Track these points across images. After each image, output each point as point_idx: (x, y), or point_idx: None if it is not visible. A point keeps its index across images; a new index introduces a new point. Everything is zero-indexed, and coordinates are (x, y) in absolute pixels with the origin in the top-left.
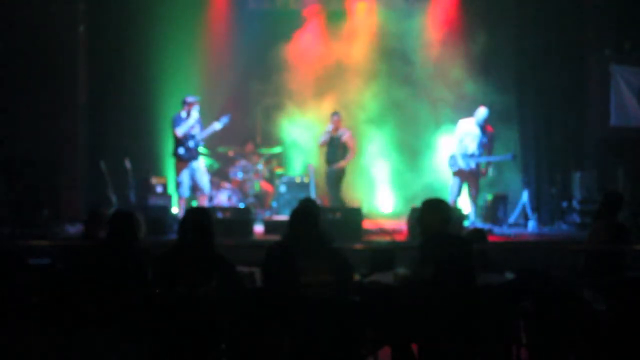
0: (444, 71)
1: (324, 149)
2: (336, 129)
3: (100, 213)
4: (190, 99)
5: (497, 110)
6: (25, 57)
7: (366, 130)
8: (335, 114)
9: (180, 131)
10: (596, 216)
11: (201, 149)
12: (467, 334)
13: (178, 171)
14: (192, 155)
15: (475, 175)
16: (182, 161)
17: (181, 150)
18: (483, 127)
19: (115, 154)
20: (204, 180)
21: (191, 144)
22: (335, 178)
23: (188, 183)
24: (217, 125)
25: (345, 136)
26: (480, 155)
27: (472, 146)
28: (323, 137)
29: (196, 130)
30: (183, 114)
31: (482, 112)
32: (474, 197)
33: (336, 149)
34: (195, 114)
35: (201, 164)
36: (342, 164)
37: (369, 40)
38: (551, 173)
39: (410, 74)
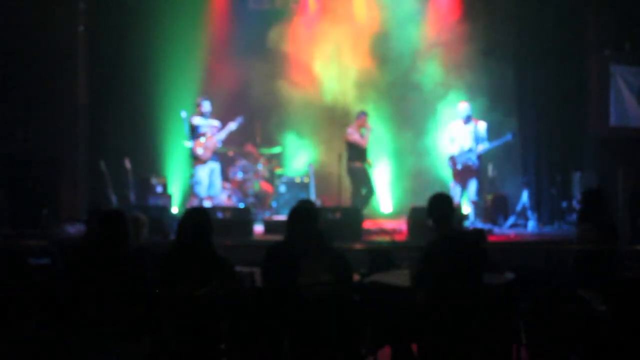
0: (443, 70)
1: (355, 146)
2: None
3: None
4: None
5: (497, 109)
6: (25, 57)
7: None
8: (364, 112)
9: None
10: (582, 218)
11: (219, 149)
12: (467, 334)
13: (195, 171)
14: (210, 155)
15: (474, 172)
16: (200, 161)
17: (199, 150)
18: (471, 122)
19: (115, 154)
20: (217, 182)
21: (209, 144)
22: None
23: (206, 183)
24: (232, 126)
25: None
26: (477, 147)
27: (467, 143)
28: (363, 137)
29: (213, 131)
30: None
31: (463, 107)
32: (474, 195)
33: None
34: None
35: (217, 165)
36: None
37: (368, 37)
38: (551, 173)
39: (409, 72)
